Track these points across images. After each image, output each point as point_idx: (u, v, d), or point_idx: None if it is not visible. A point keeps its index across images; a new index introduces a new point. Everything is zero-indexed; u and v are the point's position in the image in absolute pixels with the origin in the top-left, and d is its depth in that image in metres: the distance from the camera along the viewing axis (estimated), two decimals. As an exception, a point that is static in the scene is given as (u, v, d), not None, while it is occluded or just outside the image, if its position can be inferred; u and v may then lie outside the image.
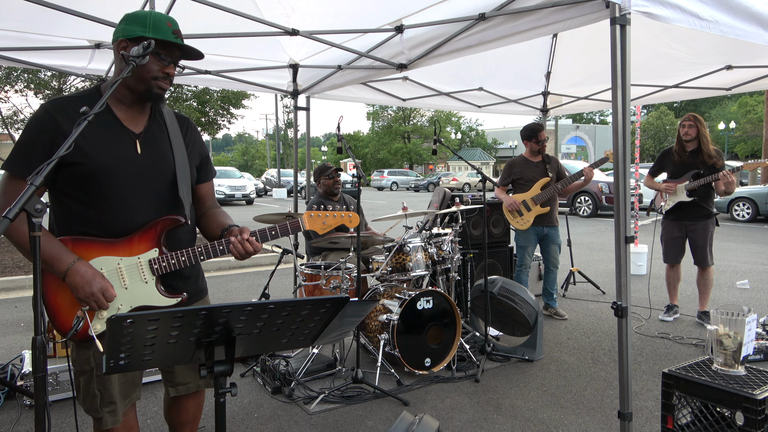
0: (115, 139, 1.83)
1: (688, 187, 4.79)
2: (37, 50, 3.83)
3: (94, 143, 1.78)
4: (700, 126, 4.78)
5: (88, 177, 1.78)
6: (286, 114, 52.88)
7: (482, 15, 3.17)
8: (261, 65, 4.57)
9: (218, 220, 2.10)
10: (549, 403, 3.41)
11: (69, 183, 1.79)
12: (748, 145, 42.96)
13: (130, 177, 1.84)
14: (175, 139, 1.96)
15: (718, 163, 4.74)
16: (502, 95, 6.02)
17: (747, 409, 2.21)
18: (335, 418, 3.22)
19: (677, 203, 4.88)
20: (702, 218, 4.83)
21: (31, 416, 3.26)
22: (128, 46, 1.78)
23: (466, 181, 34.91)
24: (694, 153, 4.82)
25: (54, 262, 1.73)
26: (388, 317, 3.73)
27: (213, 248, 1.92)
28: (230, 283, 7.16)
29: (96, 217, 1.82)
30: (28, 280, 7.01)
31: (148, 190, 1.88)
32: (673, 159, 4.95)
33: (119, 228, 1.84)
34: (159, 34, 1.77)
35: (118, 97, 1.86)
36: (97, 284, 1.74)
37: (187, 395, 2.15)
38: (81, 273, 1.73)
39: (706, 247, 4.84)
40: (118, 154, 1.82)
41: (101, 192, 1.80)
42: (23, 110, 12.23)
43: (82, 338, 1.82)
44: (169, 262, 1.88)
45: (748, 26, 2.79)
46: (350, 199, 4.96)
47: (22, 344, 4.54)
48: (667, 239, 5.05)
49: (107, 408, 1.88)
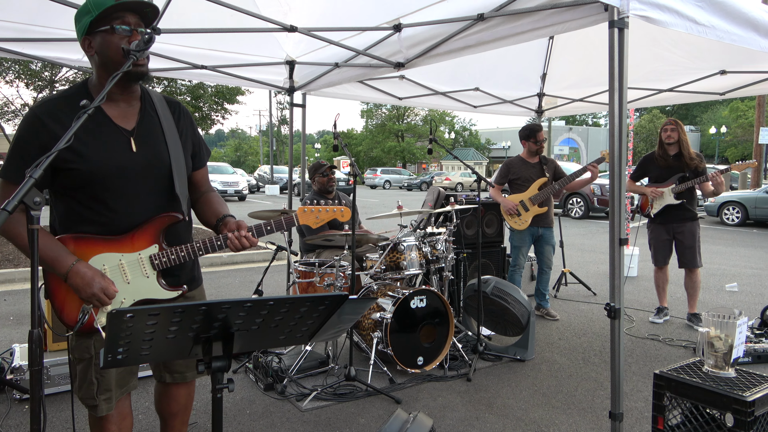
0: (108, 139, 1.83)
1: (675, 190, 4.84)
2: (32, 41, 3.79)
3: (88, 145, 1.78)
4: (681, 130, 4.88)
5: (86, 180, 1.79)
6: (279, 110, 52.81)
7: (481, 15, 3.18)
8: (257, 61, 4.56)
9: (214, 207, 2.12)
10: (540, 402, 3.44)
11: (67, 185, 1.81)
12: (739, 149, 43.39)
13: (127, 177, 1.85)
14: (169, 130, 1.95)
15: (701, 166, 4.83)
16: (497, 96, 6.04)
17: (737, 411, 2.24)
18: (327, 415, 3.22)
19: (664, 206, 4.92)
20: (688, 220, 4.91)
21: (21, 410, 3.23)
22: (88, 38, 1.78)
23: (459, 180, 34.98)
24: (677, 156, 4.90)
25: (54, 264, 1.75)
26: (381, 315, 3.74)
27: (211, 244, 1.94)
28: (222, 279, 7.13)
29: (96, 216, 1.84)
30: (17, 273, 6.95)
31: (146, 187, 1.90)
32: (657, 163, 5.00)
33: (120, 226, 1.87)
34: (101, 7, 1.73)
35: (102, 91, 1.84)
36: (96, 284, 1.76)
37: (177, 384, 2.19)
38: (81, 275, 1.75)
39: (695, 248, 4.89)
40: (113, 155, 1.82)
41: (99, 194, 1.82)
42: (14, 101, 12.12)
43: (88, 331, 1.85)
44: (169, 258, 1.92)
45: (743, 32, 2.82)
46: (345, 197, 4.96)
47: (11, 338, 4.50)
48: (655, 243, 5.09)
49: (103, 396, 1.91)
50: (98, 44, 1.77)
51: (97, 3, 1.74)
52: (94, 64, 1.83)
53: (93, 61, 1.83)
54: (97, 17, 1.73)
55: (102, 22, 1.75)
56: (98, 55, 1.79)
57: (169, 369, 2.16)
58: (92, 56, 1.81)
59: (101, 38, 1.76)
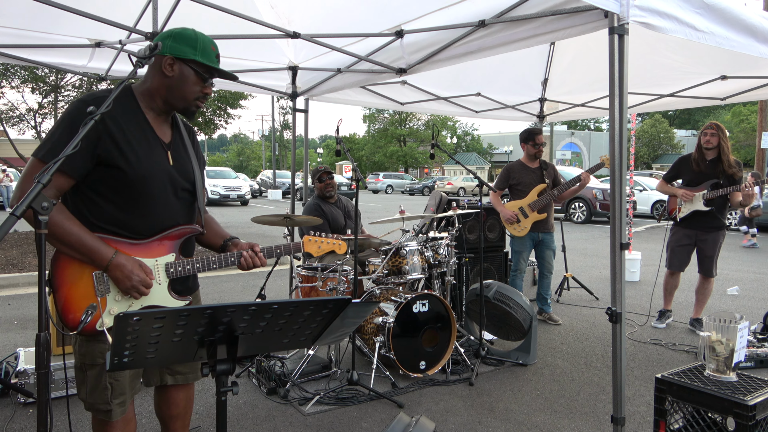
0: (152, 149, 1.92)
1: (706, 197, 4.69)
2: (36, 48, 3.83)
3: (137, 150, 1.86)
4: (722, 135, 4.69)
5: (127, 183, 1.85)
6: (282, 115, 52.94)
7: (482, 22, 3.20)
8: (260, 67, 4.59)
9: (216, 228, 2.23)
10: (542, 407, 3.44)
11: (104, 183, 1.84)
12: (741, 154, 43.27)
13: (163, 186, 1.94)
14: (190, 149, 2.08)
15: (737, 174, 4.66)
16: (499, 101, 6.07)
17: (738, 415, 2.24)
18: (330, 419, 3.23)
19: (692, 212, 4.80)
20: (714, 229, 4.77)
21: (25, 414, 3.25)
22: (174, 63, 1.89)
23: (462, 185, 34.97)
24: (713, 162, 4.74)
25: (94, 255, 1.80)
26: (383, 320, 3.75)
27: (225, 259, 2.06)
28: (225, 284, 7.15)
29: (124, 218, 1.89)
30: (21, 277, 6.98)
31: (173, 198, 1.99)
32: (691, 167, 4.85)
33: (144, 231, 1.93)
34: (207, 59, 1.91)
35: (151, 105, 1.94)
36: (136, 278, 1.84)
37: (176, 387, 2.22)
38: (121, 267, 1.82)
39: (714, 258, 4.80)
40: (155, 164, 1.91)
41: (135, 198, 1.88)
42: (19, 106, 12.17)
43: (90, 332, 1.85)
44: (184, 267, 1.99)
45: (742, 38, 2.84)
46: (347, 201, 4.98)
47: (15, 342, 4.53)
48: (674, 246, 4.97)
49: (117, 400, 1.93)
50: (180, 73, 1.90)
51: (205, 52, 1.91)
52: (158, 79, 1.91)
53: (158, 75, 1.91)
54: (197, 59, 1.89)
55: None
56: (172, 79, 1.90)
57: (171, 370, 2.18)
58: (163, 74, 1.89)
59: (188, 72, 1.90)
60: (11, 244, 9.41)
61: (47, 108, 11.55)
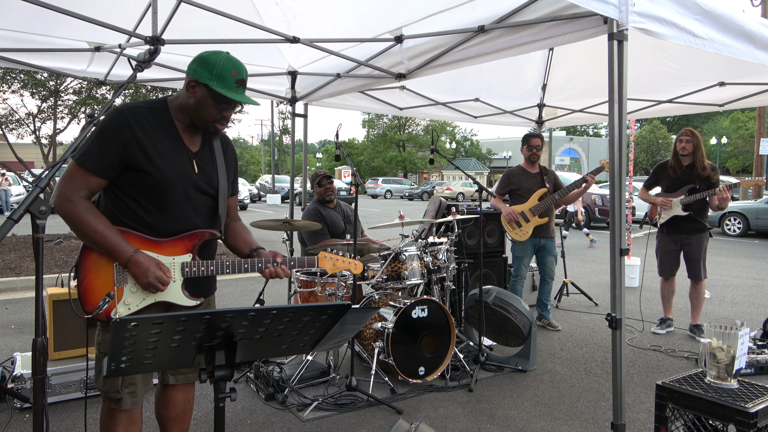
0: (178, 156, 2.05)
1: (683, 202, 4.82)
2: (35, 51, 3.83)
3: (163, 157, 1.99)
4: (697, 141, 4.82)
5: (152, 186, 1.99)
6: (281, 120, 53.01)
7: (482, 27, 3.21)
8: (259, 71, 4.59)
9: (244, 236, 2.36)
10: (542, 413, 3.43)
11: (130, 184, 1.99)
12: (740, 160, 43.44)
13: (186, 192, 2.07)
14: (219, 160, 2.20)
15: (713, 178, 4.78)
16: (498, 106, 6.07)
17: (739, 422, 2.23)
18: (329, 425, 3.21)
19: (672, 217, 4.91)
20: (696, 232, 4.88)
21: (21, 419, 3.23)
22: (196, 86, 2.00)
23: (460, 190, 35.01)
24: (689, 167, 4.86)
25: (114, 251, 1.93)
26: (382, 325, 3.74)
27: (239, 264, 2.15)
28: (223, 289, 7.13)
29: (147, 217, 2.02)
30: (19, 282, 6.96)
31: (196, 203, 2.11)
32: (668, 173, 4.98)
33: (165, 231, 2.05)
34: (221, 85, 1.97)
35: (180, 118, 2.06)
36: (152, 274, 1.96)
37: (176, 387, 2.26)
38: (138, 264, 1.95)
39: (700, 261, 4.88)
40: (180, 171, 2.04)
41: (158, 201, 2.02)
42: (18, 110, 12.16)
43: (105, 320, 2.00)
44: (199, 268, 2.09)
45: (741, 44, 2.85)
46: (346, 206, 4.97)
47: (12, 347, 4.50)
48: (662, 253, 5.07)
49: (128, 389, 2.02)
50: (201, 96, 2.00)
51: (221, 78, 1.96)
52: (184, 98, 2.05)
53: (184, 95, 2.05)
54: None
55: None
56: (194, 100, 2.02)
57: (172, 369, 2.23)
58: (189, 95, 2.02)
59: (205, 96, 1.99)
60: (9, 248, 9.39)
61: (46, 112, 11.54)
